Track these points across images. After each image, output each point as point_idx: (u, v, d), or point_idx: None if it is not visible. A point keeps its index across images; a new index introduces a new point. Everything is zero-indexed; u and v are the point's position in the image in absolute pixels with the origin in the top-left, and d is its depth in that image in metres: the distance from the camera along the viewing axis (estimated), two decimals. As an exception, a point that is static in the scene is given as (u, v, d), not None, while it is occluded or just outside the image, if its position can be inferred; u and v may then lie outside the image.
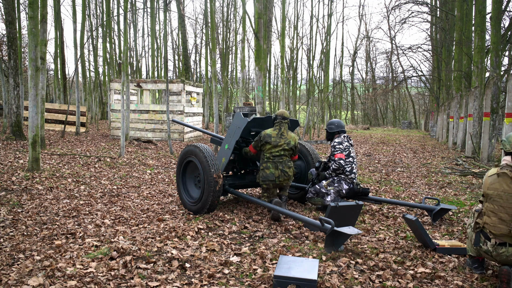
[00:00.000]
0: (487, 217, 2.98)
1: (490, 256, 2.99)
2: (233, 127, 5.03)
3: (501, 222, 2.90)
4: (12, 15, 11.06)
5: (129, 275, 3.01)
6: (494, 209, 2.94)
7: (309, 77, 26.10)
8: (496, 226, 2.92)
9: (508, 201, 2.89)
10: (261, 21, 11.51)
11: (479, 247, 3.03)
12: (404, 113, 43.53)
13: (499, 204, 2.92)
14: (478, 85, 10.99)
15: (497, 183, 2.96)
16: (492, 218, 2.94)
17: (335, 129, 5.34)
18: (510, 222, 2.87)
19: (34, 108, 7.12)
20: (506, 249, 2.89)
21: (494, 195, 2.95)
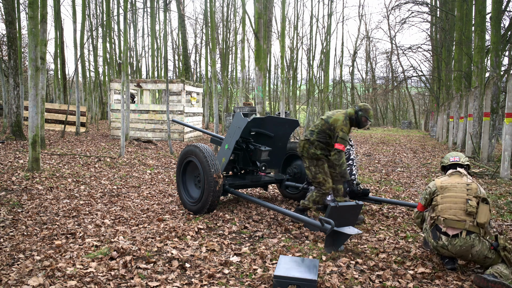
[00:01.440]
0: (442, 205, 3.26)
1: (447, 251, 3.18)
2: (233, 127, 5.03)
3: (455, 206, 3.21)
4: (12, 15, 11.06)
5: (129, 275, 3.01)
6: (449, 196, 3.28)
7: (309, 77, 26.10)
8: (451, 210, 3.20)
9: (461, 189, 3.27)
10: (261, 21, 11.51)
11: (436, 243, 3.23)
12: (404, 113, 43.52)
13: (454, 191, 3.28)
14: (478, 85, 10.99)
15: (449, 179, 3.40)
16: (446, 204, 3.25)
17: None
18: (462, 205, 3.19)
19: (34, 108, 7.12)
20: (459, 239, 3.11)
21: (449, 186, 3.33)
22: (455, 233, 3.14)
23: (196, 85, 16.75)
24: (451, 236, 3.15)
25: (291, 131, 5.49)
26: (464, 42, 13.59)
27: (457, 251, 3.14)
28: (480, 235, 3.12)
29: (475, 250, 3.09)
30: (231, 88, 25.47)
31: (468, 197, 3.21)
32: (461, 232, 3.13)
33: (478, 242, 3.10)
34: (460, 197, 3.24)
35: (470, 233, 3.11)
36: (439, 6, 21.05)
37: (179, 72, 29.11)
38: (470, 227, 3.12)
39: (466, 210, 3.15)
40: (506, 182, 7.09)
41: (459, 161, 3.54)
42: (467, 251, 3.10)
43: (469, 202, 3.17)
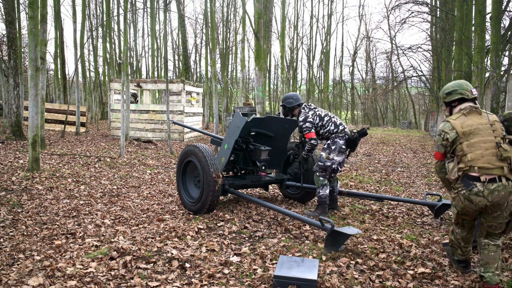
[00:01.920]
0: (471, 154, 2.86)
1: (482, 198, 2.83)
2: (232, 127, 5.03)
3: (487, 153, 2.84)
4: (12, 15, 11.06)
5: (129, 275, 3.01)
6: (476, 142, 2.87)
7: (309, 77, 26.10)
8: (483, 158, 2.83)
9: (486, 131, 2.88)
10: (261, 21, 11.50)
11: (469, 192, 2.87)
12: (404, 113, 43.51)
13: (480, 135, 2.88)
14: (478, 85, 10.99)
15: (469, 120, 2.95)
16: (477, 152, 2.85)
17: (294, 102, 5.00)
18: (493, 150, 2.83)
19: (34, 108, 7.12)
20: (497, 184, 2.80)
21: (473, 130, 2.90)
22: (492, 178, 2.81)
23: (196, 85, 16.75)
24: (488, 180, 2.80)
25: (291, 131, 5.47)
26: (464, 42, 13.59)
27: (494, 197, 2.79)
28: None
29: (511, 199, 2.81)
30: (231, 88, 25.47)
31: (497, 139, 2.85)
32: (499, 177, 2.80)
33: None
34: (489, 141, 2.85)
35: (508, 180, 2.81)
36: (439, 6, 21.06)
37: (179, 72, 29.10)
38: (508, 173, 2.80)
39: (501, 155, 2.80)
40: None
41: (476, 95, 3.08)
42: (504, 198, 2.80)
43: (502, 146, 2.82)
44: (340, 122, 4.89)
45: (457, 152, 2.94)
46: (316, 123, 4.84)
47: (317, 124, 4.84)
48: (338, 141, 4.77)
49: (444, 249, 3.62)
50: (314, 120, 4.83)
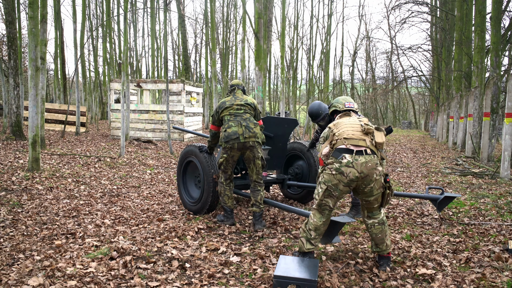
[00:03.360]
0: (338, 131, 3.18)
1: (352, 168, 3.00)
2: None
3: (352, 129, 3.16)
4: (12, 15, 11.05)
5: (129, 275, 3.01)
6: (344, 125, 3.22)
7: (309, 77, 26.10)
8: (349, 131, 3.14)
9: (354, 120, 3.26)
10: (261, 21, 11.50)
11: (340, 163, 3.03)
12: (404, 113, 43.52)
13: (348, 120, 3.26)
14: (478, 85, 10.99)
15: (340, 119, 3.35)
16: (343, 129, 3.17)
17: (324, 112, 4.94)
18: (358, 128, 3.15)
19: (34, 108, 7.12)
20: (364, 156, 3.01)
21: (341, 121, 3.29)
22: (359, 150, 3.04)
23: (196, 85, 16.75)
24: (355, 152, 3.04)
25: (290, 130, 5.44)
26: (464, 42, 13.59)
27: (362, 168, 3.00)
28: (379, 159, 3.11)
29: (379, 171, 3.05)
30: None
31: (361, 123, 3.20)
32: (365, 150, 3.04)
33: (380, 164, 3.10)
34: (355, 124, 3.20)
35: (373, 152, 3.07)
36: (439, 6, 21.05)
37: (179, 72, 29.10)
38: (371, 145, 3.07)
39: (364, 129, 3.12)
40: (506, 182, 7.08)
41: (353, 107, 3.51)
42: (372, 169, 3.02)
43: (364, 125, 3.15)
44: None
45: (332, 142, 3.22)
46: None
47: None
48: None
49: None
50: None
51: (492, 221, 4.62)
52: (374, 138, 3.11)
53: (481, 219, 4.74)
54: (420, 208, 5.36)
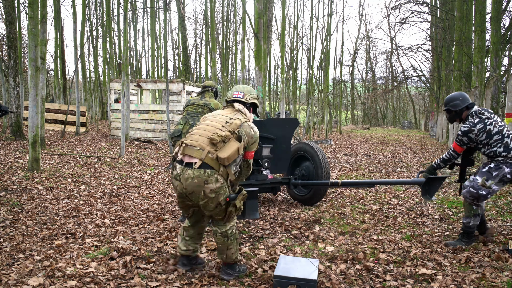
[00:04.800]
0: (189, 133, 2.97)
1: (179, 182, 2.77)
2: None
3: (202, 133, 2.84)
4: (12, 15, 11.05)
5: (129, 275, 3.01)
6: (202, 124, 2.96)
7: (309, 77, 26.10)
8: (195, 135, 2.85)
9: (219, 120, 2.93)
10: (261, 21, 11.51)
11: (172, 174, 2.86)
12: (404, 113, 43.54)
13: (210, 120, 2.95)
14: (478, 85, 10.99)
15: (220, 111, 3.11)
16: (194, 131, 2.92)
17: (461, 104, 3.88)
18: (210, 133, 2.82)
19: (34, 108, 7.12)
20: (192, 169, 2.72)
21: (209, 117, 3.03)
22: (190, 162, 2.75)
23: (196, 85, 16.75)
24: (185, 164, 2.76)
25: (292, 131, 5.37)
26: (464, 42, 13.59)
27: (188, 183, 2.72)
28: (218, 173, 2.74)
29: (209, 189, 2.71)
30: (231, 88, 25.47)
31: (222, 128, 2.82)
32: (196, 162, 2.73)
33: (215, 182, 2.72)
34: (213, 126, 2.85)
35: (206, 166, 2.72)
36: (439, 6, 21.06)
37: (179, 72, 29.10)
38: (207, 158, 2.71)
39: (212, 137, 2.75)
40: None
41: (243, 98, 3.10)
42: (199, 186, 2.70)
43: (218, 132, 2.78)
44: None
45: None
46: (480, 140, 3.73)
47: (479, 141, 3.75)
48: (504, 168, 3.65)
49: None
50: (477, 137, 3.71)
51: (492, 221, 4.62)
52: (218, 152, 2.74)
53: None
54: (420, 208, 5.36)
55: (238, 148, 2.77)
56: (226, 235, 2.90)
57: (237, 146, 2.77)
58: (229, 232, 2.91)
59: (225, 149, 2.75)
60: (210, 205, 2.77)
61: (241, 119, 2.93)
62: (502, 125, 3.73)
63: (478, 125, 3.70)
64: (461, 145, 3.81)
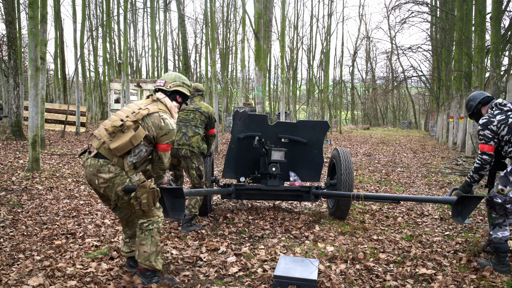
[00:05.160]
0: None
1: (85, 169, 2.82)
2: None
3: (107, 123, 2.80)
4: (12, 15, 11.06)
5: (129, 275, 3.01)
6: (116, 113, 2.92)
7: (309, 77, 26.11)
8: (101, 126, 2.83)
9: (128, 109, 2.86)
10: (261, 21, 11.51)
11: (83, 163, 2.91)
12: (404, 113, 43.53)
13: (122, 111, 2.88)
14: (478, 85, 10.99)
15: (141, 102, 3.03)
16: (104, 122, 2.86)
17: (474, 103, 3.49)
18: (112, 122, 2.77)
19: (34, 108, 7.12)
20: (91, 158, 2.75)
21: (124, 107, 2.98)
22: (91, 151, 2.79)
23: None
24: (88, 152, 2.81)
25: (323, 135, 4.95)
26: (464, 42, 13.59)
27: (86, 172, 2.76)
28: (112, 163, 2.69)
29: (103, 178, 2.68)
30: (231, 88, 25.47)
31: (126, 117, 2.76)
32: (93, 151, 2.75)
33: (107, 172, 2.68)
34: (118, 115, 2.81)
35: (100, 156, 2.71)
36: (439, 6, 21.06)
37: (179, 72, 29.08)
38: (102, 148, 2.71)
39: (111, 127, 2.71)
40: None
41: (163, 86, 3.00)
42: (94, 174, 2.71)
43: (114, 122, 2.72)
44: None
45: None
46: (502, 134, 3.19)
47: (502, 136, 3.20)
48: None
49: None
50: (498, 129, 3.20)
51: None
52: (112, 141, 2.69)
53: (481, 219, 4.73)
54: (420, 208, 5.36)
55: (131, 138, 2.69)
56: (141, 227, 2.80)
57: (130, 136, 2.69)
58: (144, 225, 2.79)
59: (118, 139, 2.70)
60: (110, 195, 2.76)
61: (151, 109, 2.83)
62: None
63: (498, 116, 3.21)
64: (487, 142, 3.20)
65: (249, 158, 4.95)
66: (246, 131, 4.88)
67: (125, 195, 2.72)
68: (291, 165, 5.02)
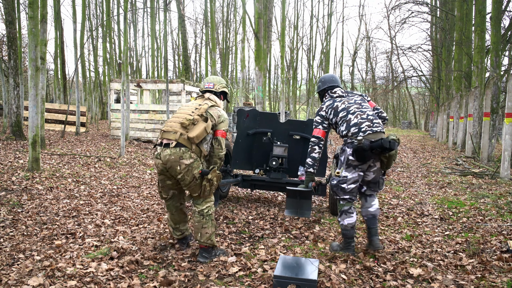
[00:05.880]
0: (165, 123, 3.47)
1: (160, 160, 3.28)
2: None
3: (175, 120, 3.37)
4: (12, 15, 11.05)
5: (129, 275, 3.01)
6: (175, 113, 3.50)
7: (309, 77, 26.11)
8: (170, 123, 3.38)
9: (190, 107, 3.46)
10: (261, 21, 11.51)
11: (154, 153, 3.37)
12: (404, 113, 43.54)
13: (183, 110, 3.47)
14: (478, 85, 10.99)
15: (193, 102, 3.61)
16: (169, 120, 3.44)
17: (322, 86, 3.84)
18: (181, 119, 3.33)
19: (34, 108, 7.12)
20: (169, 148, 3.24)
21: (182, 106, 3.54)
22: (167, 143, 3.27)
23: (196, 85, 16.74)
24: (164, 145, 3.28)
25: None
26: (464, 42, 13.59)
27: (166, 160, 3.24)
28: (192, 152, 3.23)
29: (185, 164, 3.20)
30: (231, 88, 25.46)
31: (192, 113, 3.35)
32: (172, 143, 3.24)
33: (189, 158, 3.22)
34: (184, 113, 3.39)
35: (180, 145, 3.22)
36: (439, 6, 21.06)
37: (179, 72, 29.10)
38: (181, 139, 3.22)
39: (183, 122, 3.26)
40: (506, 182, 7.08)
41: (213, 88, 3.64)
42: (175, 161, 3.21)
43: (187, 117, 3.30)
44: (359, 120, 3.42)
45: None
46: (330, 118, 3.61)
47: (330, 119, 3.62)
48: (346, 150, 3.42)
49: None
50: (327, 113, 3.64)
51: (492, 221, 4.62)
52: (189, 132, 3.24)
53: (481, 219, 4.73)
54: (420, 208, 5.36)
55: (205, 128, 3.29)
56: (202, 213, 3.31)
57: (204, 126, 3.28)
58: (205, 211, 3.32)
59: (194, 129, 3.25)
60: (186, 179, 3.24)
61: (209, 104, 3.46)
62: (353, 103, 3.56)
63: (327, 102, 3.70)
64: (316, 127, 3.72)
65: (258, 152, 5.44)
66: (257, 128, 5.40)
67: (200, 177, 3.25)
68: (301, 161, 5.31)
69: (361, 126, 3.38)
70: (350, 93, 3.74)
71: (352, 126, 3.41)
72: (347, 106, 3.53)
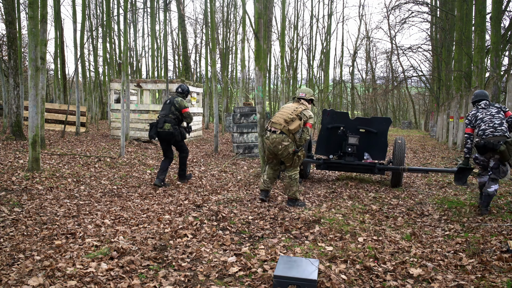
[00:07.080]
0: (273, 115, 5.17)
1: (268, 141, 5.22)
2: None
3: (280, 115, 5.23)
4: (12, 15, 11.05)
5: (129, 275, 3.01)
6: (280, 110, 5.35)
7: (309, 77, 26.11)
8: (277, 117, 5.24)
9: (290, 108, 5.29)
10: (261, 21, 11.49)
11: (265, 136, 5.30)
12: (404, 113, 43.54)
13: (285, 109, 5.31)
14: (478, 85, 10.99)
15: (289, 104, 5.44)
16: (277, 113, 5.32)
17: (473, 99, 5.35)
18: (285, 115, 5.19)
19: (34, 108, 7.12)
20: (276, 134, 5.14)
21: (284, 106, 5.38)
22: (274, 130, 5.15)
23: (196, 85, 16.74)
24: (272, 131, 5.16)
25: (388, 127, 6.98)
26: (464, 42, 13.60)
27: (272, 141, 5.14)
28: (289, 138, 5.09)
29: (284, 145, 5.09)
30: (231, 88, 25.45)
31: (291, 113, 5.15)
32: (277, 131, 5.11)
33: (287, 141, 5.09)
34: (286, 112, 5.20)
35: (282, 133, 5.09)
36: (439, 6, 21.06)
37: (179, 72, 29.09)
38: (284, 129, 5.09)
39: (286, 118, 5.10)
40: (506, 182, 7.08)
41: (304, 97, 5.41)
42: (278, 143, 5.10)
43: (289, 115, 5.12)
44: (486, 127, 4.96)
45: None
46: (472, 122, 5.21)
47: (472, 123, 5.21)
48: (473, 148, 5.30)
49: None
50: (471, 119, 5.20)
51: (492, 221, 4.62)
52: (289, 125, 5.08)
53: (481, 219, 4.73)
54: (420, 208, 5.36)
55: (299, 124, 5.12)
56: (291, 177, 5.24)
57: (299, 123, 5.12)
58: (293, 176, 5.24)
59: (293, 124, 5.10)
60: (284, 153, 5.16)
61: (302, 108, 5.22)
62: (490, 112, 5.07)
63: (471, 112, 5.31)
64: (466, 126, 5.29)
65: (335, 142, 7.19)
66: (333, 123, 7.20)
67: (292, 154, 5.15)
68: (366, 148, 7.17)
69: (486, 131, 4.93)
70: (492, 105, 5.12)
71: (480, 130, 4.99)
72: (483, 116, 5.06)
